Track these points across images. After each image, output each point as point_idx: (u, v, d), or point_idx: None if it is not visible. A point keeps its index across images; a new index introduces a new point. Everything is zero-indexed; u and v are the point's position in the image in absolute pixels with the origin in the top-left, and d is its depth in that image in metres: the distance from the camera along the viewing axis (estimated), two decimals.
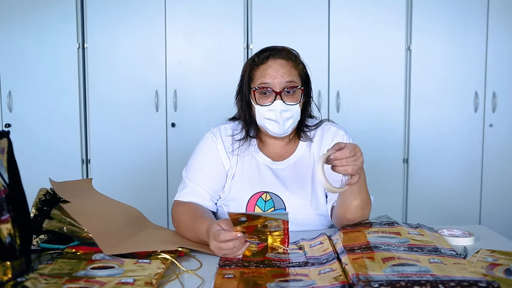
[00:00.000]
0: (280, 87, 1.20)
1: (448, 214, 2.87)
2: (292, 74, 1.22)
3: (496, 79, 2.87)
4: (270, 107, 1.20)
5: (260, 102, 1.22)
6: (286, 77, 1.20)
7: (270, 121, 1.21)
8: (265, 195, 1.25)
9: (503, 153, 2.92)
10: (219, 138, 1.30)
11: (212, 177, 1.27)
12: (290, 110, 1.21)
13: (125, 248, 0.96)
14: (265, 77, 1.21)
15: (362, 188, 1.14)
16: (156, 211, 2.74)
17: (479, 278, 0.75)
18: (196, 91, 2.80)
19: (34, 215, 1.07)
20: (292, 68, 1.23)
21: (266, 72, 1.21)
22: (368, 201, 1.18)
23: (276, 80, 1.20)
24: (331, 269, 0.86)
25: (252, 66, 1.25)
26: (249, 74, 1.25)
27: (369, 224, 1.09)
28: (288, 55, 1.24)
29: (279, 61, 1.22)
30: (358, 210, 1.15)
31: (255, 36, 2.77)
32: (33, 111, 2.73)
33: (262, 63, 1.23)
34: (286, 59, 1.23)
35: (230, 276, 0.84)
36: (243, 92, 1.27)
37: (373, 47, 2.83)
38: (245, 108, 1.28)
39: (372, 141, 2.81)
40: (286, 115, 1.20)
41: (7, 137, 0.83)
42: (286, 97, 1.20)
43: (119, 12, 2.73)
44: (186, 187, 1.26)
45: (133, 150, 2.79)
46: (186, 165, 1.31)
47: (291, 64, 1.23)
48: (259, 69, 1.23)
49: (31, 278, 0.78)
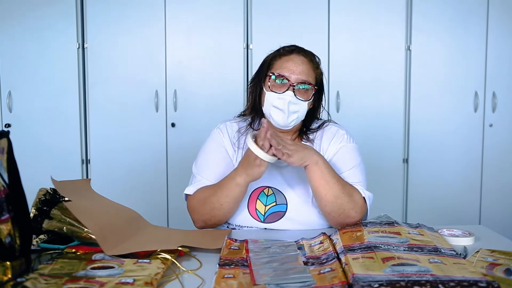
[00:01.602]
0: (296, 80, 1.23)
1: (448, 214, 2.87)
2: (309, 75, 1.25)
3: (496, 79, 2.87)
4: (281, 96, 1.23)
5: (273, 88, 1.24)
6: (304, 75, 1.24)
7: (276, 109, 1.23)
8: (267, 189, 1.27)
9: (503, 153, 2.92)
10: (225, 133, 1.34)
11: (221, 171, 1.28)
12: (298, 105, 1.23)
13: (126, 248, 0.96)
14: (284, 68, 1.24)
15: (323, 178, 1.16)
16: (156, 211, 2.74)
17: (479, 278, 0.75)
18: (196, 91, 2.80)
19: (34, 215, 1.06)
20: (311, 69, 1.26)
21: (287, 64, 1.24)
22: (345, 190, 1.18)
23: (294, 75, 1.23)
24: (330, 269, 0.86)
25: (275, 55, 1.28)
26: (270, 61, 1.28)
27: (369, 224, 1.09)
28: (311, 57, 1.29)
29: (302, 58, 1.26)
30: (330, 199, 1.16)
31: (255, 36, 2.77)
32: (33, 111, 2.73)
33: (285, 55, 1.27)
34: (309, 59, 1.27)
35: (230, 276, 0.84)
36: (260, 76, 1.30)
37: (373, 47, 2.83)
38: (256, 94, 1.31)
39: (372, 141, 2.81)
40: (293, 108, 1.23)
41: (7, 137, 0.83)
42: (298, 91, 1.23)
43: (119, 12, 2.73)
44: (196, 182, 1.29)
45: (133, 150, 2.79)
46: (195, 161, 1.35)
47: (312, 65, 1.27)
48: (281, 59, 1.26)
49: (31, 278, 0.78)
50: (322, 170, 1.16)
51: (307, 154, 1.16)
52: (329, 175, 1.17)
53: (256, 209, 1.26)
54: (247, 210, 1.26)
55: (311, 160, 1.16)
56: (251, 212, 1.26)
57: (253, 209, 1.26)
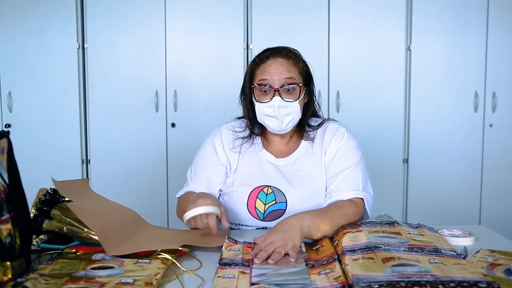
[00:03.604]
0: (278, 84, 1.22)
1: (448, 214, 2.87)
2: (291, 71, 1.24)
3: (496, 79, 2.87)
4: (269, 104, 1.22)
5: (259, 99, 1.24)
6: (285, 74, 1.23)
7: (269, 117, 1.24)
8: (266, 188, 1.27)
9: (503, 153, 2.91)
10: (218, 138, 1.34)
11: (211, 178, 1.32)
12: (289, 107, 1.23)
13: (128, 248, 0.96)
14: (264, 75, 1.24)
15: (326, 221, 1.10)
16: (156, 211, 2.74)
17: (479, 278, 0.75)
18: (196, 91, 2.80)
19: (34, 215, 1.06)
20: (291, 66, 1.25)
21: (265, 70, 1.24)
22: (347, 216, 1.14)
23: (275, 77, 1.22)
24: (331, 270, 0.86)
25: (253, 66, 1.28)
26: (250, 73, 1.28)
27: (370, 223, 1.09)
28: (288, 54, 1.27)
29: (278, 59, 1.25)
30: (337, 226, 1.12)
31: (255, 36, 2.77)
32: (33, 111, 2.73)
33: (262, 62, 1.26)
34: (286, 58, 1.25)
35: (230, 276, 0.84)
36: (245, 91, 1.31)
37: (373, 47, 2.82)
38: (248, 106, 1.31)
39: (372, 141, 2.81)
40: (284, 112, 1.23)
41: (7, 137, 0.83)
42: (284, 93, 1.23)
43: (119, 12, 2.73)
44: (186, 186, 1.35)
45: (133, 150, 2.79)
46: (191, 166, 1.38)
47: (291, 62, 1.26)
48: (259, 68, 1.26)
49: (31, 278, 0.78)
50: (317, 224, 1.08)
51: (288, 231, 1.01)
52: (326, 220, 1.10)
53: (256, 207, 1.26)
54: (246, 209, 1.26)
55: (298, 229, 1.03)
56: (250, 211, 1.26)
57: (253, 207, 1.26)
